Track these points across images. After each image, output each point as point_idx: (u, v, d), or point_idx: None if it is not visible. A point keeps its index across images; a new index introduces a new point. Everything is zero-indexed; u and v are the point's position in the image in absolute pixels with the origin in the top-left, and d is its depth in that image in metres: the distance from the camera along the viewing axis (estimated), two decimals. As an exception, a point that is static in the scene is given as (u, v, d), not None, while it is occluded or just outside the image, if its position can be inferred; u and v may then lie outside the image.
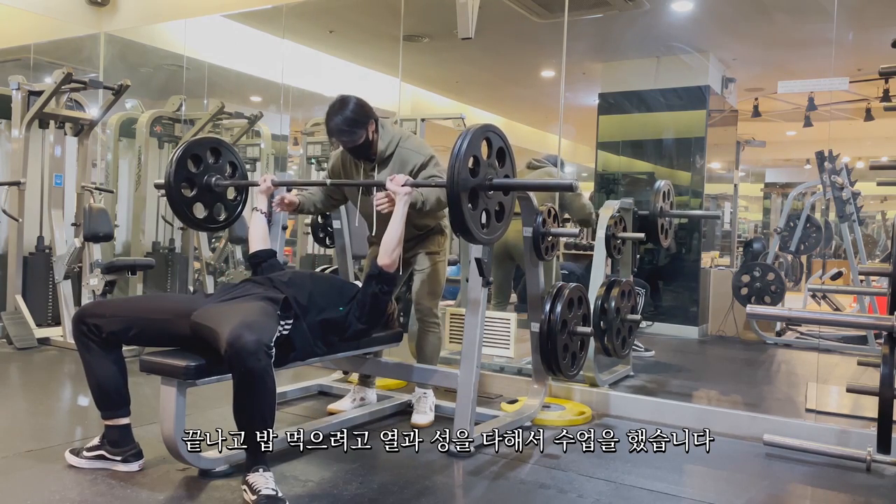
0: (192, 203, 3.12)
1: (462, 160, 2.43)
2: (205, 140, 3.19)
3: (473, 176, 2.50)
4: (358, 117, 2.92)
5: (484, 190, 2.56)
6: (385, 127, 3.07)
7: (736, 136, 7.04)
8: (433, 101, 7.97)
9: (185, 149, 3.06)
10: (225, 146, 3.23)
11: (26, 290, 4.98)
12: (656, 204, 4.16)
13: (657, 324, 5.90)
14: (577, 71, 6.60)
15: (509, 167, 2.70)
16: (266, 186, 3.04)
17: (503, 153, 2.67)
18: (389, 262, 2.74)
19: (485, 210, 2.60)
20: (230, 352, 2.15)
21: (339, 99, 2.96)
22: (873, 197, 9.00)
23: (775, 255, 6.07)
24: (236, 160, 3.25)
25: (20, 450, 2.71)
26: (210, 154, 3.14)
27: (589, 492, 2.50)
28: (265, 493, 2.19)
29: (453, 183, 2.41)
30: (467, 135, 2.47)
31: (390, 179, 2.77)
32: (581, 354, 3.36)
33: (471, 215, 2.50)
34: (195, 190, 3.11)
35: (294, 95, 6.14)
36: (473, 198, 2.52)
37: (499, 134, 2.65)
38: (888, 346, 2.58)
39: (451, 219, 2.49)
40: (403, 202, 2.75)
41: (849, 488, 2.66)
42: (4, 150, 5.21)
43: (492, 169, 2.60)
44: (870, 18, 5.01)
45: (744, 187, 8.59)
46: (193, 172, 3.09)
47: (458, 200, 2.42)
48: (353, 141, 2.95)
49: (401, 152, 3.06)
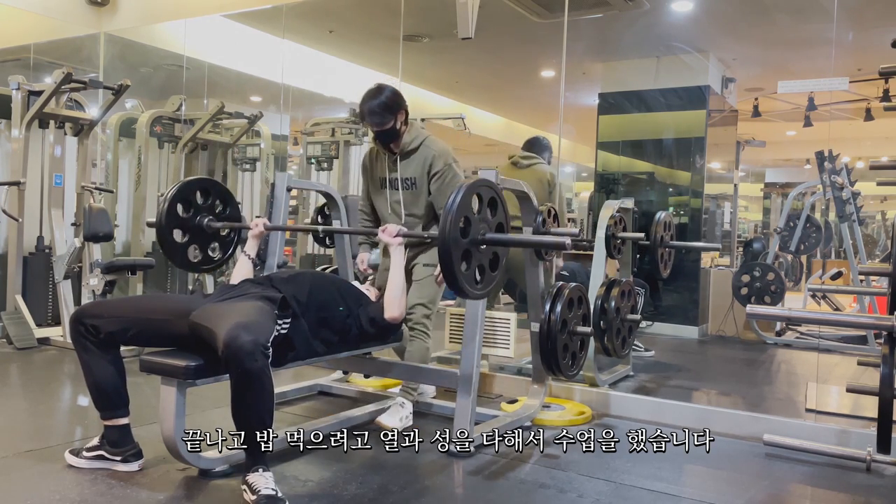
0: (185, 248, 3.12)
1: (453, 221, 2.38)
2: (193, 182, 3.18)
3: (465, 235, 2.46)
4: (391, 103, 3.09)
5: (476, 246, 2.52)
6: (413, 124, 3.22)
7: (736, 136, 7.04)
8: (433, 101, 7.97)
9: (174, 196, 3.03)
10: (213, 184, 3.24)
11: (26, 290, 4.98)
12: (657, 234, 4.17)
13: (657, 324, 5.90)
14: (577, 71, 6.60)
15: (501, 214, 2.65)
16: (258, 231, 3.06)
17: (494, 203, 2.62)
18: (397, 314, 2.80)
19: (478, 265, 2.56)
20: (227, 353, 2.15)
21: (376, 86, 3.14)
22: (873, 197, 9.00)
23: (775, 255, 6.08)
24: (226, 195, 3.24)
25: (20, 450, 2.70)
26: (200, 195, 3.14)
27: (589, 492, 2.50)
28: (265, 493, 2.19)
29: (445, 245, 2.37)
30: (457, 195, 2.41)
31: (382, 230, 2.83)
32: (581, 354, 3.36)
33: (464, 276, 2.47)
34: (187, 234, 3.11)
35: (294, 95, 6.14)
36: (466, 257, 2.48)
37: (489, 186, 2.60)
38: (888, 346, 2.57)
39: (445, 278, 2.47)
40: (398, 252, 2.79)
41: (849, 488, 2.66)
42: (4, 150, 5.21)
43: (483, 223, 2.55)
44: (870, 18, 5.01)
45: (744, 187, 8.58)
46: (184, 217, 3.08)
47: (450, 262, 2.39)
48: (382, 125, 3.09)
49: (424, 150, 3.18)
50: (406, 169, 3.20)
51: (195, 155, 6.12)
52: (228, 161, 6.53)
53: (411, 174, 3.20)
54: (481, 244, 2.55)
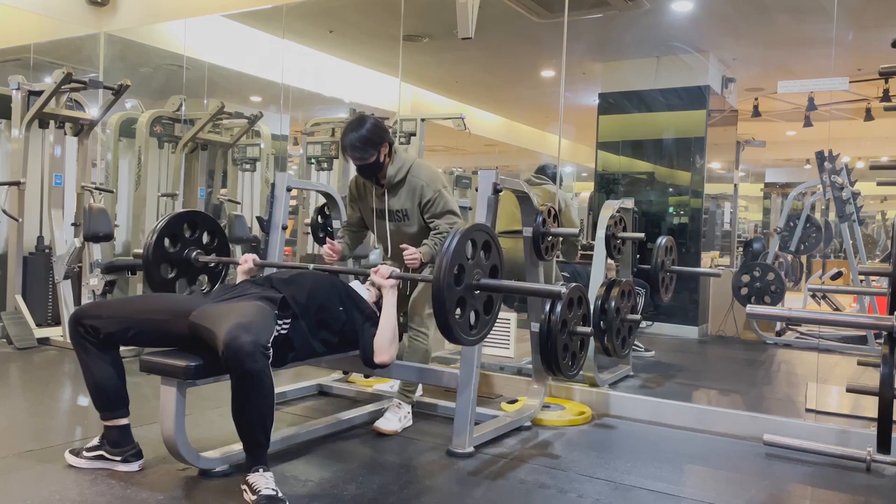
0: (173, 283, 3.10)
1: (447, 269, 2.36)
2: (180, 215, 3.15)
3: (458, 283, 2.44)
4: (373, 137, 2.97)
5: (470, 292, 2.51)
6: (397, 153, 3.10)
7: (736, 136, 7.04)
8: (433, 101, 7.97)
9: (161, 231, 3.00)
10: (201, 217, 3.21)
11: (26, 290, 4.98)
12: (658, 259, 4.18)
13: (657, 324, 5.90)
14: (577, 71, 6.60)
15: (495, 256, 2.63)
16: (248, 267, 3.02)
17: (489, 245, 2.60)
18: (387, 359, 2.72)
19: (473, 310, 2.55)
20: (227, 353, 2.15)
21: (357, 117, 3.03)
22: (873, 197, 8.99)
23: (775, 255, 6.08)
24: (214, 227, 3.22)
25: (20, 450, 2.70)
26: (187, 228, 3.11)
27: (589, 492, 2.50)
28: (265, 493, 2.19)
29: (439, 293, 2.35)
30: (451, 242, 2.39)
31: (374, 271, 2.77)
32: (581, 354, 3.35)
33: (459, 324, 2.46)
34: (175, 269, 3.09)
35: (294, 95, 6.14)
36: (461, 304, 2.47)
37: (483, 230, 2.59)
38: (888, 346, 2.57)
39: (439, 326, 2.44)
40: (390, 294, 2.74)
41: (849, 488, 2.66)
42: (4, 150, 5.21)
43: (478, 268, 2.53)
44: (870, 18, 5.01)
45: (744, 187, 8.58)
46: (172, 252, 3.06)
47: (444, 310, 2.37)
48: (364, 159, 2.99)
49: (411, 181, 3.09)
50: (396, 201, 3.12)
51: (195, 155, 6.12)
52: (228, 161, 6.53)
53: (401, 206, 3.13)
54: (475, 289, 2.53)
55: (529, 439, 3.08)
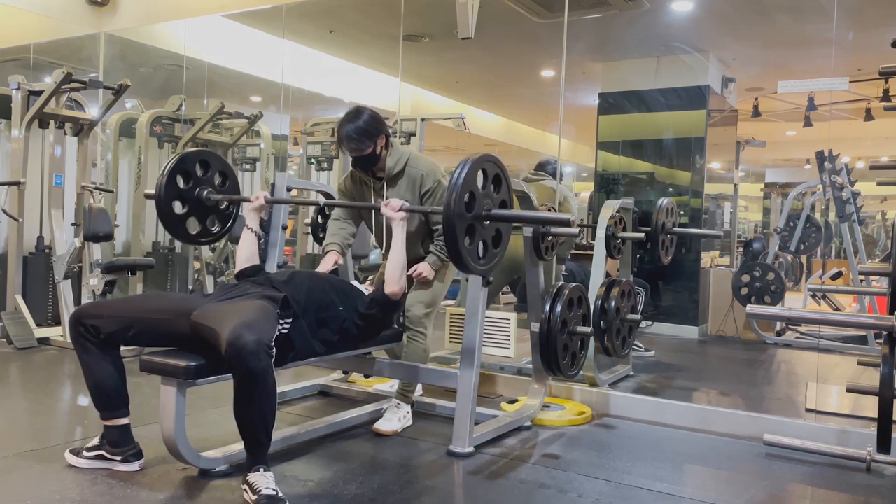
0: (184, 220, 3.11)
1: (458, 195, 2.39)
2: (193, 153, 3.14)
3: (469, 210, 2.47)
4: (369, 128, 2.95)
5: (480, 222, 2.54)
6: (394, 145, 3.09)
7: (736, 136, 7.03)
8: (433, 100, 7.97)
9: (173, 167, 3.02)
10: (213, 157, 3.20)
11: (26, 290, 4.98)
12: (659, 221, 4.16)
13: (657, 324, 5.90)
14: (577, 71, 6.60)
15: (505, 192, 2.66)
16: (259, 204, 3.03)
17: (499, 179, 2.63)
18: (398, 289, 2.77)
19: (482, 241, 2.57)
20: (231, 352, 2.15)
21: (354, 109, 3.00)
22: (873, 197, 8.99)
23: (775, 255, 6.08)
24: (226, 169, 3.22)
25: (20, 450, 2.70)
26: (199, 167, 3.11)
27: (589, 492, 2.50)
28: (265, 493, 2.19)
29: (450, 219, 2.38)
30: (463, 169, 2.43)
31: (384, 204, 2.78)
32: (581, 354, 3.36)
33: (468, 250, 2.48)
34: (186, 206, 3.10)
35: (294, 95, 6.14)
36: (470, 231, 2.50)
37: (494, 162, 2.61)
38: (888, 346, 2.58)
39: (449, 252, 2.48)
40: (400, 227, 2.76)
41: (849, 488, 2.66)
42: (4, 150, 5.21)
43: (488, 199, 2.56)
44: (870, 18, 5.01)
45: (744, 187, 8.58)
46: (183, 188, 3.07)
47: (454, 236, 2.40)
48: (360, 150, 2.97)
49: (410, 171, 3.07)
50: (395, 194, 3.08)
51: (195, 155, 6.11)
52: (228, 161, 6.53)
53: (400, 198, 3.05)
54: (485, 220, 2.55)
55: (529, 439, 3.08)
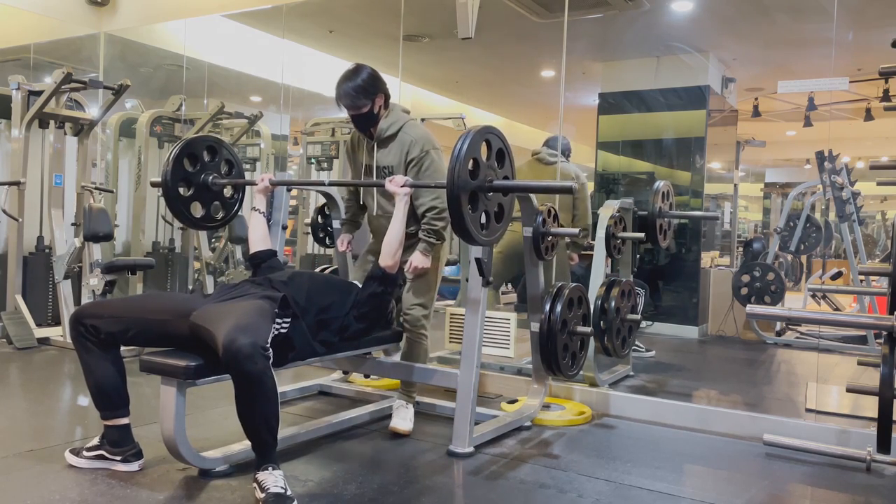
0: (189, 202, 3.12)
1: (462, 162, 2.43)
2: (201, 139, 3.18)
3: (473, 178, 2.50)
4: (366, 86, 2.93)
5: (483, 192, 2.56)
6: (394, 108, 3.07)
7: (736, 136, 7.04)
8: (433, 100, 7.97)
9: (182, 148, 3.05)
10: (221, 144, 3.22)
11: (26, 290, 4.98)
12: (655, 204, 4.15)
13: (657, 324, 5.90)
14: (577, 71, 6.60)
15: (508, 168, 2.70)
16: (264, 186, 3.04)
17: (502, 154, 2.67)
18: (392, 262, 2.76)
19: (484, 211, 2.60)
20: (226, 356, 2.15)
21: (353, 66, 2.99)
22: (873, 197, 9.00)
23: (775, 255, 6.08)
24: (233, 158, 3.25)
25: (20, 450, 2.70)
26: (207, 152, 3.14)
27: (589, 492, 2.50)
28: (273, 490, 2.19)
29: (453, 185, 2.41)
30: (467, 137, 2.47)
31: (389, 180, 2.78)
32: (581, 354, 3.36)
33: (471, 217, 2.50)
34: (192, 189, 3.11)
35: (294, 95, 6.14)
36: (473, 200, 2.52)
37: (498, 135, 2.65)
38: (888, 346, 2.57)
39: (452, 220, 2.49)
40: (403, 202, 2.76)
41: (849, 488, 2.66)
42: (4, 150, 5.21)
43: (491, 170, 2.60)
44: (870, 18, 5.01)
45: (744, 187, 8.58)
46: (190, 171, 3.09)
47: (458, 203, 2.42)
48: (357, 108, 2.95)
49: (402, 136, 3.04)
50: (385, 157, 3.05)
51: (195, 155, 6.11)
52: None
53: (389, 162, 3.05)
54: (489, 191, 2.57)
55: (529, 439, 3.08)
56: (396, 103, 3.12)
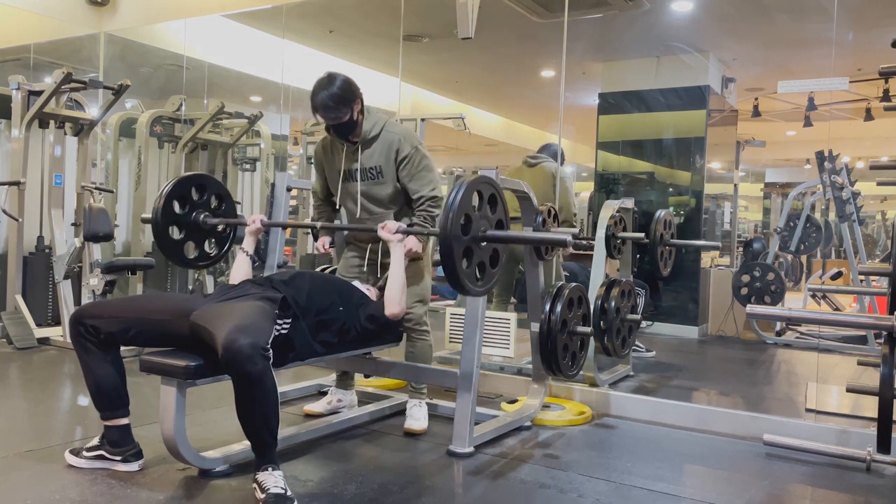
0: (181, 245, 3.11)
1: (454, 218, 2.38)
2: (188, 178, 3.14)
3: (466, 233, 2.45)
4: (344, 94, 2.89)
5: (477, 243, 2.52)
6: (371, 111, 3.04)
7: (736, 136, 7.04)
8: (433, 101, 7.97)
9: (170, 191, 3.01)
10: (209, 180, 3.20)
11: (26, 290, 4.98)
12: (657, 232, 4.17)
13: (657, 324, 5.90)
14: (577, 71, 6.60)
15: (501, 211, 2.65)
16: (255, 228, 3.03)
17: (494, 200, 2.62)
18: (398, 311, 2.77)
19: (479, 262, 2.56)
20: (226, 357, 2.15)
21: (326, 75, 2.93)
22: (873, 197, 9.00)
23: (775, 255, 6.08)
24: (222, 191, 3.22)
25: (20, 450, 2.70)
26: (195, 191, 3.11)
27: (589, 492, 2.50)
28: (273, 491, 2.19)
29: (447, 242, 2.37)
30: (458, 193, 2.41)
31: (381, 227, 2.76)
32: (581, 354, 3.36)
33: (465, 273, 2.47)
34: (184, 231, 3.10)
35: (294, 95, 6.14)
36: (468, 253, 2.49)
37: (489, 183, 2.60)
38: (888, 346, 2.57)
39: (446, 275, 2.45)
40: (399, 249, 2.75)
41: (849, 488, 2.66)
42: (4, 150, 5.21)
43: (484, 220, 2.55)
44: (870, 18, 5.01)
45: (744, 187, 8.58)
46: (179, 213, 3.06)
47: (452, 259, 2.39)
48: (338, 118, 2.93)
49: (387, 135, 3.02)
50: (369, 158, 3.02)
51: (195, 155, 6.12)
52: (228, 161, 6.53)
53: (375, 163, 3.02)
54: (482, 241, 2.55)
55: (529, 439, 3.08)
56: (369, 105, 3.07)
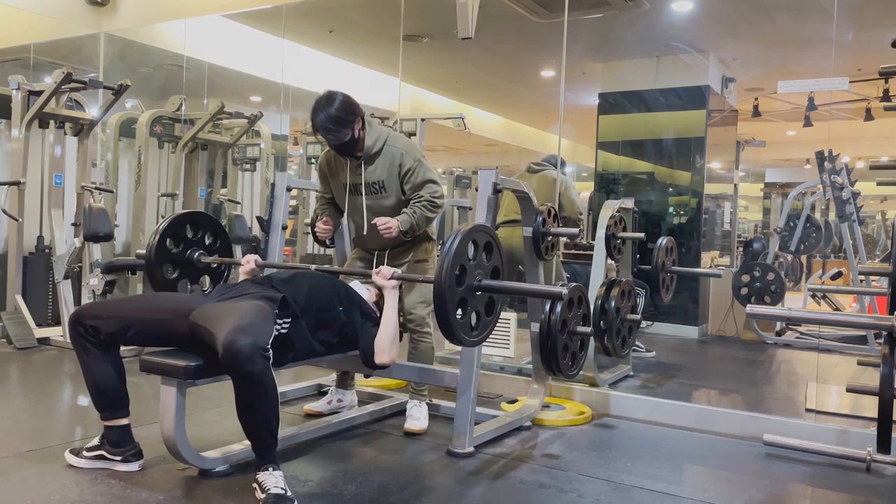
0: (175, 284, 3.09)
1: (449, 269, 2.35)
2: (184, 216, 3.14)
3: (460, 284, 2.43)
4: (344, 115, 2.88)
5: (472, 293, 2.50)
6: (371, 125, 3.04)
7: (736, 136, 7.04)
8: (433, 101, 7.97)
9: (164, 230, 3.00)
10: (203, 217, 3.20)
11: (26, 290, 4.98)
12: (658, 259, 4.18)
13: (657, 324, 5.90)
14: (577, 71, 6.60)
15: (497, 258, 2.62)
16: (249, 268, 2.99)
17: (490, 246, 2.59)
18: (388, 360, 2.70)
19: (475, 311, 2.55)
20: (226, 356, 2.15)
21: (325, 95, 2.92)
22: (873, 197, 9.00)
23: (775, 255, 6.08)
24: (216, 228, 3.21)
25: (20, 450, 2.70)
26: (190, 228, 3.10)
27: (589, 492, 2.50)
28: (274, 491, 2.19)
29: (441, 292, 2.34)
30: (453, 242, 2.39)
31: (376, 272, 2.73)
32: (581, 354, 3.36)
33: (460, 325, 2.45)
34: (178, 270, 3.08)
35: (294, 95, 6.14)
36: (462, 304, 2.47)
37: (485, 231, 2.58)
38: (888, 346, 2.57)
39: (440, 327, 2.42)
40: (392, 296, 2.71)
41: (849, 488, 2.66)
42: (4, 150, 5.21)
43: (479, 270, 2.52)
44: (870, 18, 5.01)
45: (744, 187, 8.59)
46: (174, 252, 3.06)
47: (444, 310, 2.36)
48: (339, 139, 2.92)
49: (389, 150, 3.02)
50: (372, 173, 3.02)
51: (195, 155, 6.12)
52: (228, 161, 6.53)
53: (378, 177, 3.02)
54: (477, 290, 2.52)
55: (529, 439, 3.08)
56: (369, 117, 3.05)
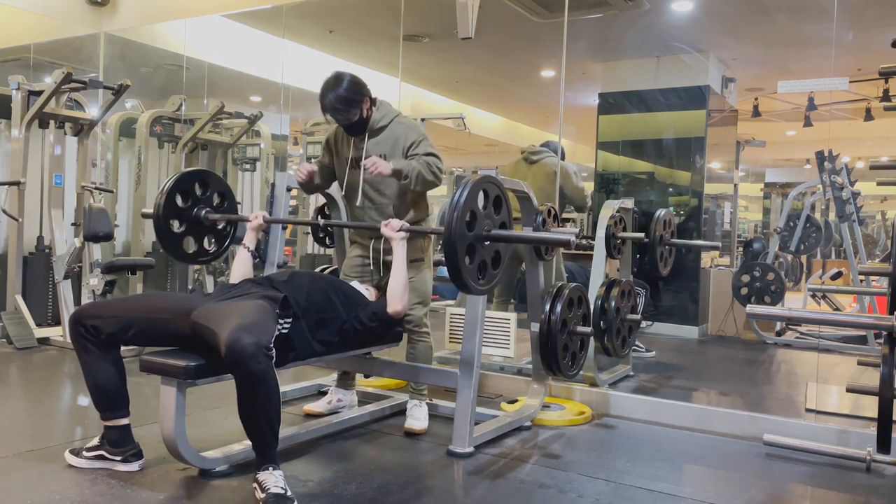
0: (181, 238, 3.12)
1: (460, 214, 2.40)
2: (192, 173, 3.16)
3: (470, 229, 2.48)
4: (352, 95, 2.92)
5: (481, 242, 2.54)
6: (382, 102, 3.07)
7: (736, 136, 7.04)
8: (433, 101, 7.97)
9: (174, 184, 3.02)
10: (212, 177, 3.21)
11: (26, 290, 4.98)
12: (656, 232, 4.16)
13: (657, 324, 5.90)
14: (577, 71, 6.60)
15: (505, 213, 2.67)
16: (257, 223, 3.03)
17: (499, 201, 2.64)
18: (401, 308, 2.77)
19: (481, 261, 2.58)
20: (230, 355, 2.15)
21: (333, 76, 2.95)
22: (873, 197, 9.01)
23: (775, 255, 6.08)
24: (224, 189, 3.23)
25: (20, 450, 2.70)
26: (198, 186, 3.12)
27: (589, 492, 2.50)
28: (273, 491, 2.19)
29: (451, 237, 2.39)
30: (464, 189, 2.44)
31: (385, 224, 2.78)
32: (581, 354, 3.36)
33: (468, 270, 2.49)
34: (184, 225, 3.11)
35: (294, 95, 6.14)
36: (471, 251, 2.51)
37: (495, 183, 2.63)
38: (888, 346, 2.57)
39: (449, 271, 2.46)
40: (401, 247, 2.76)
41: (849, 488, 2.66)
42: (4, 150, 5.21)
43: (488, 220, 2.57)
44: (870, 18, 5.01)
45: (744, 187, 8.59)
46: (182, 207, 3.07)
47: (455, 254, 2.40)
48: (348, 119, 2.96)
49: (395, 126, 3.05)
50: (375, 146, 3.03)
51: (195, 155, 6.12)
52: (228, 161, 6.53)
53: (381, 151, 3.03)
54: (486, 240, 2.56)
55: (529, 439, 3.08)
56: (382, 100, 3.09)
